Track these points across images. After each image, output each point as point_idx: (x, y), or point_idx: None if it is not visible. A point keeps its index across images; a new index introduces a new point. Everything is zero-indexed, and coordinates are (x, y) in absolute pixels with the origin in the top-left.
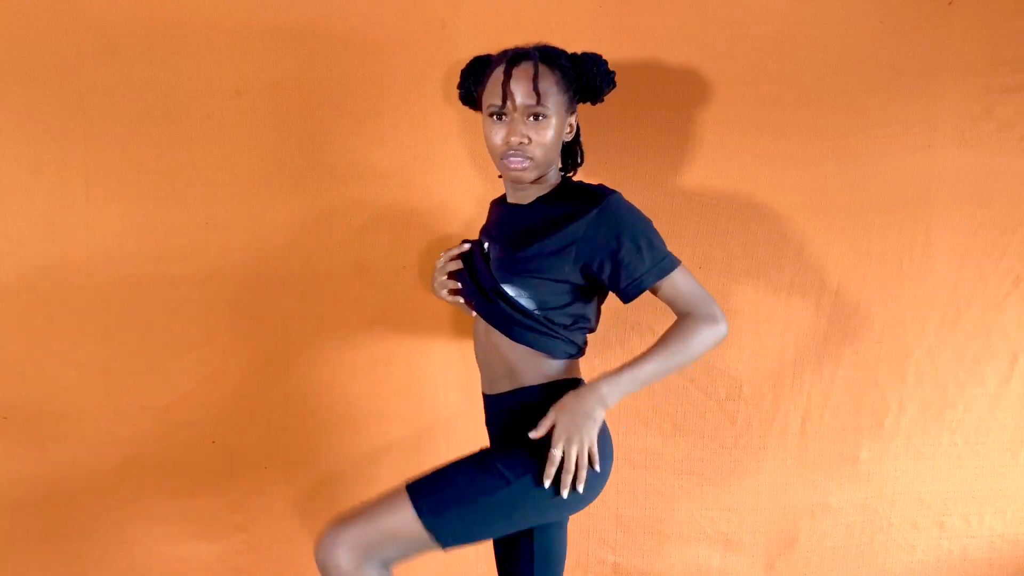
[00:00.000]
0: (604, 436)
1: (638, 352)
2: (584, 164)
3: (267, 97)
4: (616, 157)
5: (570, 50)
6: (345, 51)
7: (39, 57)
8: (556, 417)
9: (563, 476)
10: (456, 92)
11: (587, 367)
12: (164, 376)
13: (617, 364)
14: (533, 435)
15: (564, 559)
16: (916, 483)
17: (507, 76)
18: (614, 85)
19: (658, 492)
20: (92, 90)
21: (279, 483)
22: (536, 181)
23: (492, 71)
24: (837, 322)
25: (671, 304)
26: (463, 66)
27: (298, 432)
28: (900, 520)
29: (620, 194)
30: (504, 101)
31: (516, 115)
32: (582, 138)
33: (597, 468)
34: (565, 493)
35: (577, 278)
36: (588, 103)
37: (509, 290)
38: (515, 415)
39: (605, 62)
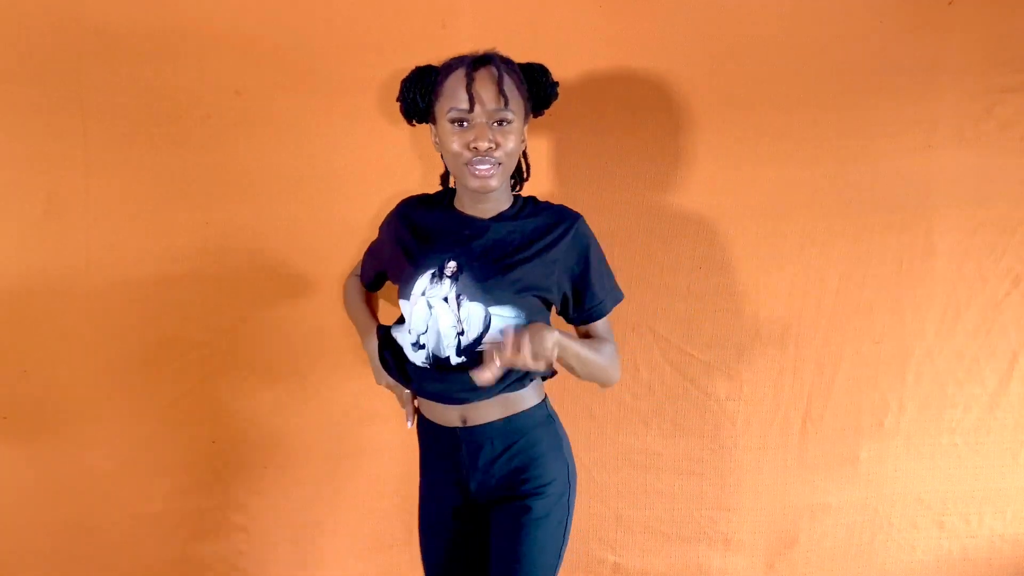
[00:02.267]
0: (564, 438)
1: (638, 352)
2: (572, 168)
3: (267, 97)
4: (616, 158)
5: (570, 50)
6: (345, 51)
7: (39, 57)
8: (525, 331)
9: (499, 350)
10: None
11: None
12: (164, 376)
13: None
14: (501, 339)
15: None
16: (916, 483)
17: (470, 80)
18: (557, 96)
19: (658, 492)
20: (92, 90)
21: (279, 483)
22: (494, 192)
23: (447, 78)
24: (837, 322)
25: (597, 330)
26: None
27: (298, 432)
28: (900, 520)
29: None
30: (472, 105)
31: (482, 120)
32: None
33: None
34: (480, 376)
35: (554, 297)
36: (532, 115)
37: (501, 311)
38: (518, 443)
39: (550, 72)
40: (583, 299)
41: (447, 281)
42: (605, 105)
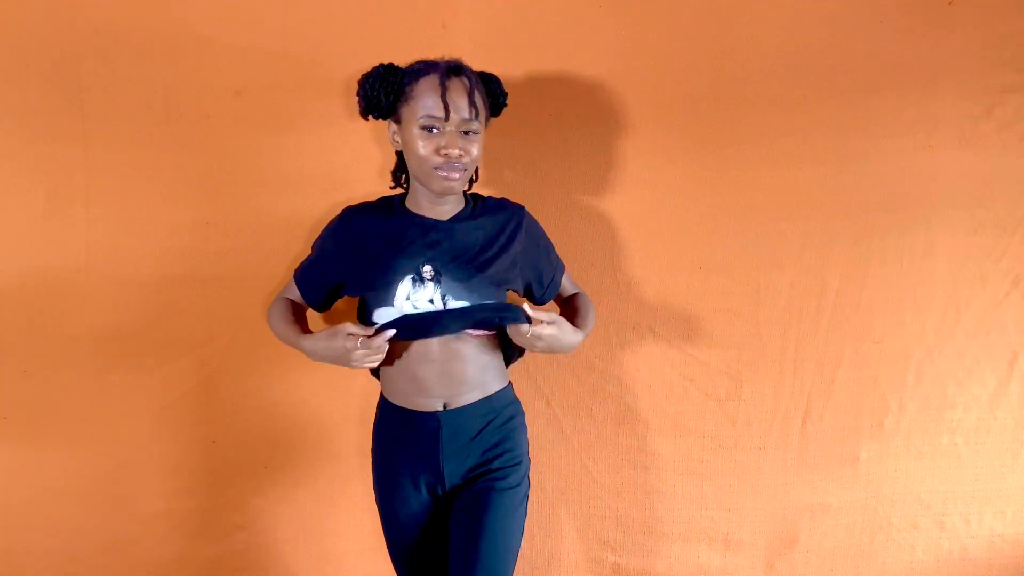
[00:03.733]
0: (521, 412)
1: (638, 351)
2: (572, 168)
3: (267, 97)
4: (616, 158)
5: (569, 50)
6: (345, 51)
7: (39, 57)
8: (554, 323)
9: (530, 326)
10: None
11: (587, 366)
12: (164, 376)
13: (617, 363)
14: (531, 312)
15: None
16: (916, 483)
17: (444, 88)
18: (506, 106)
19: (658, 492)
20: (92, 90)
21: (279, 483)
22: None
23: (417, 81)
24: (837, 322)
25: (565, 289)
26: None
27: (298, 432)
28: (900, 520)
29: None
30: (448, 114)
31: (452, 128)
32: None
33: (541, 324)
34: (527, 331)
35: (519, 286)
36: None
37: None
38: (495, 420)
39: (502, 82)
40: (543, 277)
41: (430, 284)
42: (605, 105)
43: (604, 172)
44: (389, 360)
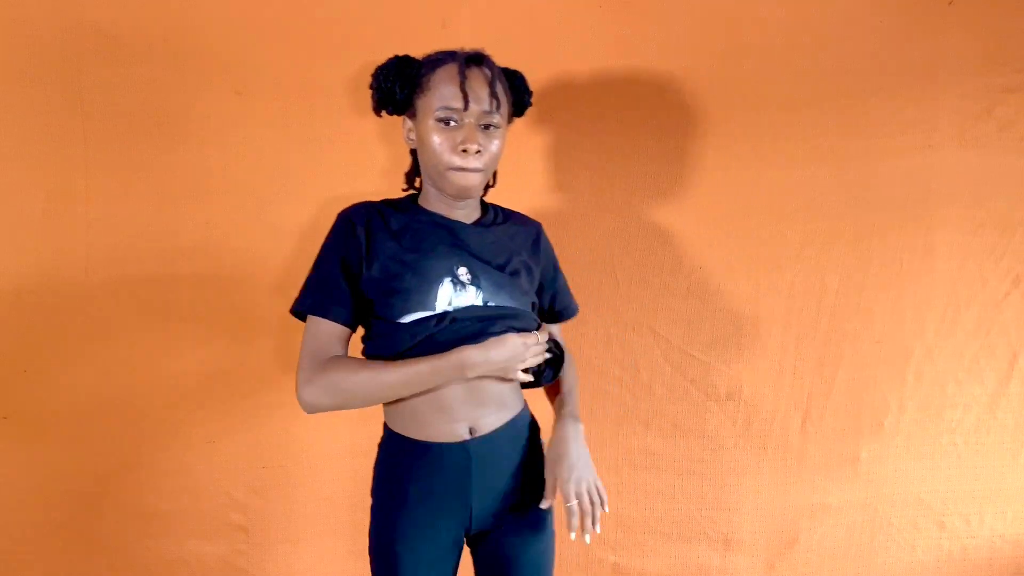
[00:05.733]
0: (542, 452)
1: (638, 351)
2: (573, 168)
3: (267, 97)
4: (617, 158)
5: (570, 50)
6: (345, 51)
7: (39, 57)
8: (558, 473)
9: (584, 522)
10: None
11: (586, 366)
12: (164, 376)
13: (617, 363)
14: (545, 505)
15: None
16: (916, 483)
17: (464, 77)
18: (531, 105)
19: (658, 492)
20: (92, 90)
21: (279, 483)
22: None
23: (434, 71)
24: (837, 322)
25: (553, 332)
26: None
27: (298, 432)
28: (900, 520)
29: None
30: (467, 104)
31: (471, 121)
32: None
33: (607, 509)
34: (587, 539)
35: (534, 301)
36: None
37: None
38: (518, 449)
39: (527, 80)
40: (554, 302)
41: (471, 288)
42: (606, 105)
43: (603, 172)
44: None
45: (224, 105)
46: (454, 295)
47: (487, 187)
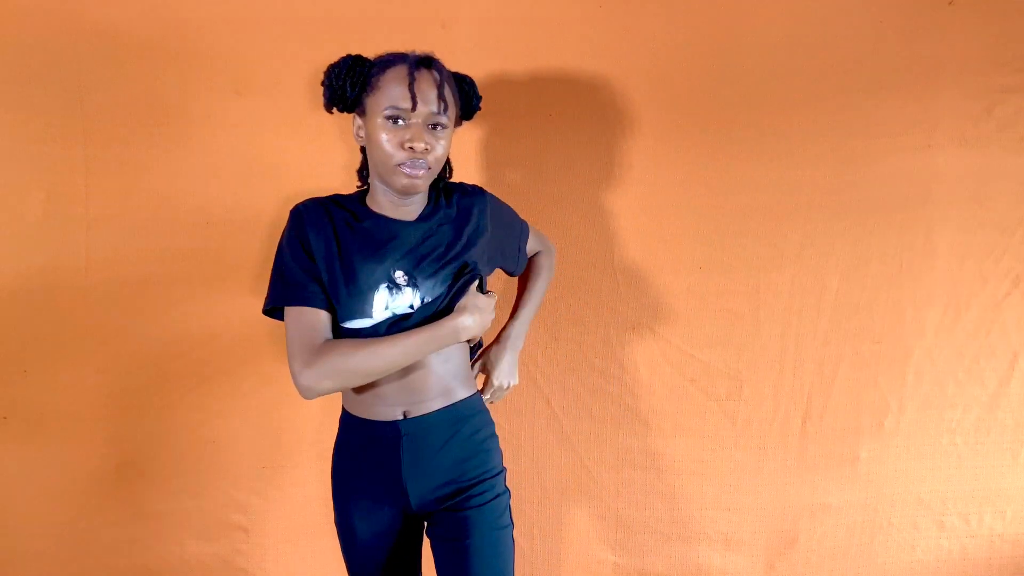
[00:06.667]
0: (489, 422)
1: (638, 352)
2: (573, 168)
3: (267, 97)
4: (616, 158)
5: (569, 50)
6: (345, 51)
7: (39, 57)
8: (494, 373)
9: (496, 396)
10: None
11: (585, 366)
12: (164, 376)
13: (617, 363)
14: (488, 397)
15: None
16: (916, 483)
17: (413, 79)
18: (479, 109)
19: (658, 492)
20: (92, 90)
21: (279, 483)
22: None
23: (385, 73)
24: (837, 322)
25: (530, 249)
26: (332, 63)
27: (298, 432)
28: (900, 520)
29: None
30: (415, 105)
31: (418, 121)
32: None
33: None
34: (492, 398)
35: (488, 269)
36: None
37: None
38: (461, 431)
39: (476, 84)
40: (511, 252)
41: (407, 289)
42: (605, 105)
43: (604, 172)
44: None
45: (224, 105)
46: (390, 299)
47: (440, 179)
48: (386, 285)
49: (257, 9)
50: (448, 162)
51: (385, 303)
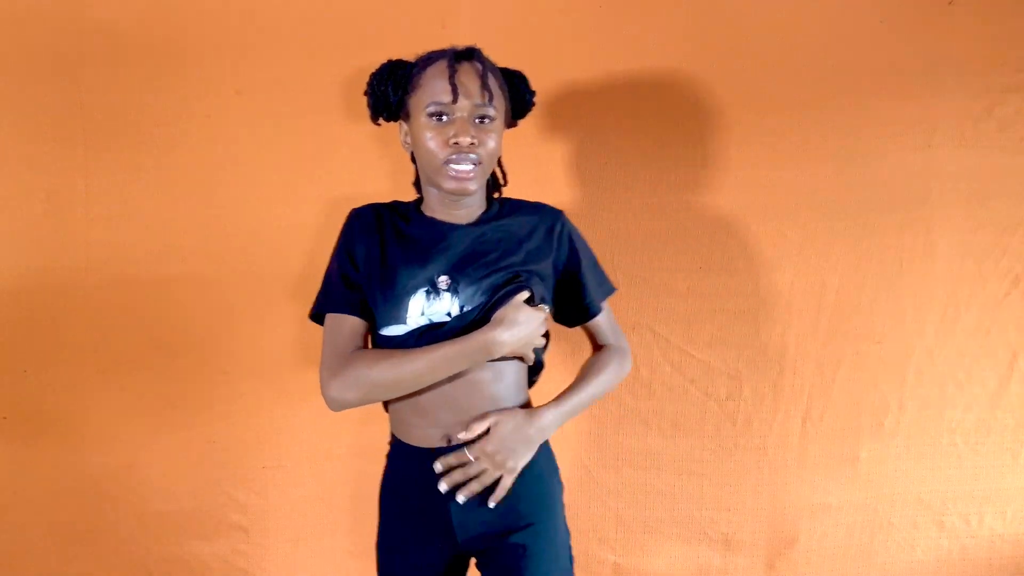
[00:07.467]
0: (549, 456)
1: (638, 352)
2: (574, 168)
3: (267, 97)
4: (617, 158)
5: (570, 50)
6: (344, 51)
7: (39, 57)
8: (495, 425)
9: (460, 479)
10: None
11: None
12: (165, 376)
13: None
14: (463, 436)
15: None
16: (916, 483)
17: (453, 71)
18: (533, 106)
19: (658, 492)
20: (92, 90)
21: (279, 483)
22: (470, 197)
23: (424, 70)
24: (837, 322)
25: (597, 330)
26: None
27: (298, 432)
28: (900, 520)
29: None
30: (456, 97)
31: (463, 115)
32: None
33: (491, 504)
34: (460, 498)
35: (547, 294)
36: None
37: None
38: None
39: (528, 80)
40: (579, 296)
41: (446, 295)
42: (605, 106)
43: (604, 172)
44: None
45: (224, 105)
46: (427, 305)
47: (497, 185)
48: (425, 290)
49: (257, 9)
50: (501, 167)
51: (421, 309)
